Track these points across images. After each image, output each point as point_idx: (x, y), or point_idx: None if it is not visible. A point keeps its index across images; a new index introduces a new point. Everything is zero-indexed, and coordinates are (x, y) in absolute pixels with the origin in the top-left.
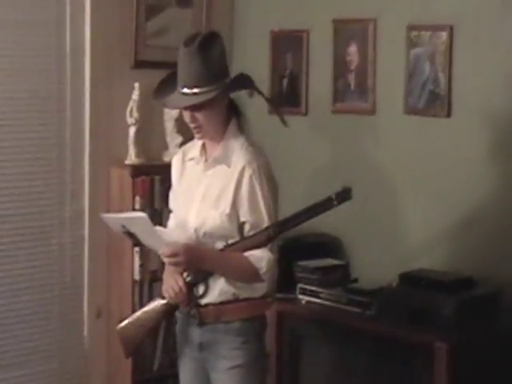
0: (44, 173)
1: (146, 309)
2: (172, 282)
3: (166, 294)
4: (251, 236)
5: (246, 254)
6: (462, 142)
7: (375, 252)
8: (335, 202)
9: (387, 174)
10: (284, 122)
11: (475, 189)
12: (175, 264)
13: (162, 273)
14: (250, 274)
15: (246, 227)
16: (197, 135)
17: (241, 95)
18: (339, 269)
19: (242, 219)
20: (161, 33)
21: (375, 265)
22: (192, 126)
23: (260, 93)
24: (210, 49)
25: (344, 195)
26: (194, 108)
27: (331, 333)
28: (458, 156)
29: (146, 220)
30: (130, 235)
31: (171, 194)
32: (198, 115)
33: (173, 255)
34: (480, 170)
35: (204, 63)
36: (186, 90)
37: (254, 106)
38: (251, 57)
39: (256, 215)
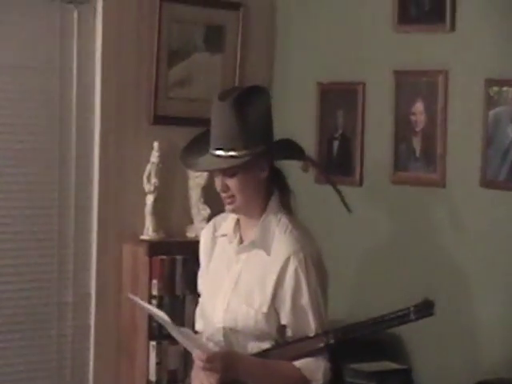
0: (43, 248)
1: None
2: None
3: None
4: (303, 340)
5: (298, 363)
6: None
7: (444, 354)
8: (413, 317)
9: (459, 259)
10: (348, 207)
11: None
12: (209, 370)
13: (183, 373)
14: None
15: (289, 332)
16: (228, 207)
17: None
18: (400, 374)
19: (284, 322)
20: (185, 82)
21: (444, 371)
22: (223, 195)
23: (317, 166)
24: (249, 104)
25: (424, 310)
26: (224, 173)
27: None
28: None
29: (170, 326)
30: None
31: (200, 275)
32: (231, 183)
33: (208, 361)
34: None
35: (239, 122)
36: (220, 153)
37: (295, 173)
38: (294, 114)
39: (301, 319)
